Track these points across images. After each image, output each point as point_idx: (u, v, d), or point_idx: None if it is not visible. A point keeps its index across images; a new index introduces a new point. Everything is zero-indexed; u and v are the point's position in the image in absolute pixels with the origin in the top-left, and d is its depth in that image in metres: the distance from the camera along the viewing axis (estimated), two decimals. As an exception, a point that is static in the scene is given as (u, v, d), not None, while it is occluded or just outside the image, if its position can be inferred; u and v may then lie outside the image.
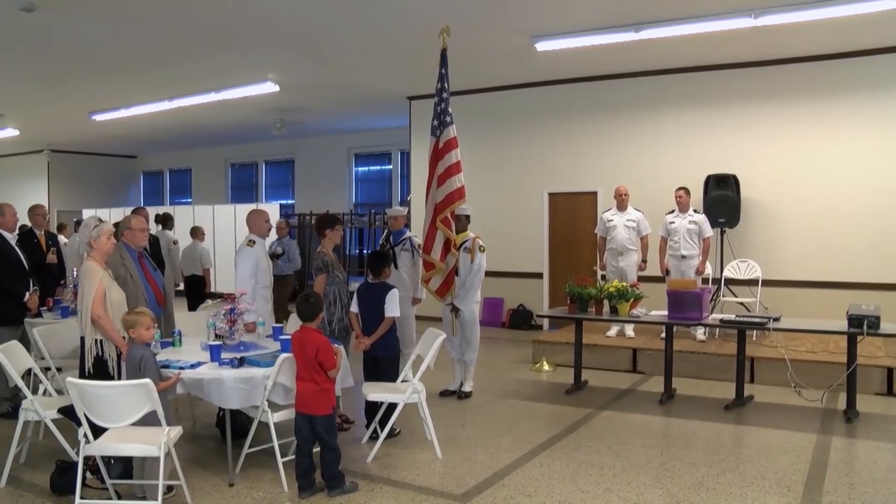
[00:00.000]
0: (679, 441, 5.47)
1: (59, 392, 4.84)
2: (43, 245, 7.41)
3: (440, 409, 6.08)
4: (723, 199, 8.88)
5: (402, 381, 5.34)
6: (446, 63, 6.78)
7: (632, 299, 6.68)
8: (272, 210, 13.58)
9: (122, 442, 3.90)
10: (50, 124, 14.63)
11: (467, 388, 6.87)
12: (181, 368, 4.43)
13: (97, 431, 3.92)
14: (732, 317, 6.53)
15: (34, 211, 7.61)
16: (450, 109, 6.74)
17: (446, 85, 6.76)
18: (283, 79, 10.30)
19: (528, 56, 8.86)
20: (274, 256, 9.64)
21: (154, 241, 8.27)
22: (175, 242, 10.28)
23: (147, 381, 3.86)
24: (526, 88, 10.80)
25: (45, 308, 6.74)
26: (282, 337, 4.92)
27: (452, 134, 6.72)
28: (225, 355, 4.64)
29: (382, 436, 5.07)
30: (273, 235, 10.03)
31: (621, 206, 8.49)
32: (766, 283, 8.68)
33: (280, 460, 4.45)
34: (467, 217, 6.87)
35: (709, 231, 8.25)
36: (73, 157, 18.62)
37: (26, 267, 6.25)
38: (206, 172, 18.74)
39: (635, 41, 7.98)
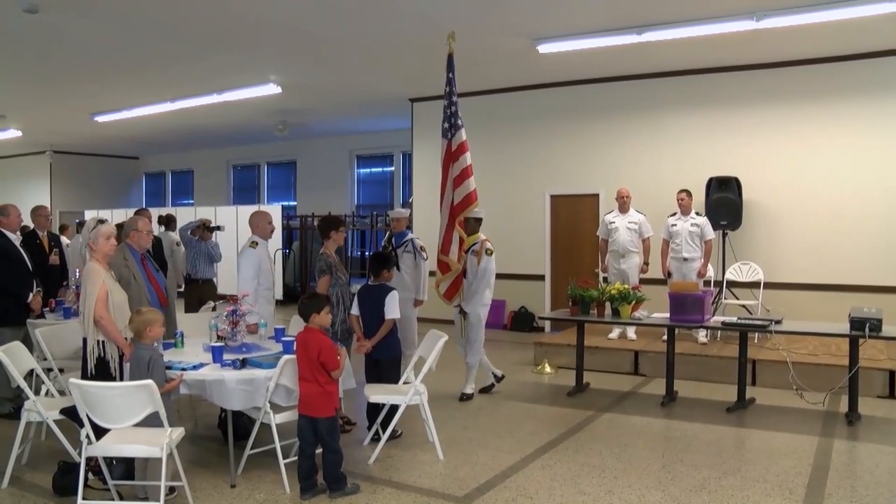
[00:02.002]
0: (681, 443, 5.47)
1: (62, 393, 4.86)
2: (45, 246, 7.42)
3: (442, 411, 6.07)
4: (725, 201, 8.87)
5: (403, 383, 5.34)
6: (453, 68, 6.85)
7: (633, 302, 6.68)
8: (274, 212, 13.59)
9: (124, 443, 3.90)
10: (52, 125, 14.65)
11: (468, 390, 6.87)
12: (183, 370, 4.44)
13: (99, 432, 3.93)
14: (734, 319, 6.52)
15: (37, 212, 7.62)
16: (459, 113, 6.83)
17: (454, 89, 6.83)
18: (285, 80, 10.31)
19: (530, 58, 8.87)
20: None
21: (156, 242, 8.27)
22: (178, 244, 10.27)
23: (149, 382, 3.87)
24: (528, 90, 10.81)
25: (48, 309, 6.74)
26: (284, 338, 4.93)
27: (464, 137, 6.81)
28: (227, 356, 4.65)
29: (384, 438, 5.08)
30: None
31: (623, 209, 8.49)
32: (768, 285, 8.67)
33: (282, 462, 4.45)
34: (477, 220, 6.91)
35: (710, 233, 8.25)
36: (75, 158, 18.65)
37: (29, 268, 6.26)
38: (208, 174, 18.76)
39: (637, 44, 7.99)
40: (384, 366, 5.41)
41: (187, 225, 9.10)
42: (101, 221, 4.75)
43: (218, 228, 9.08)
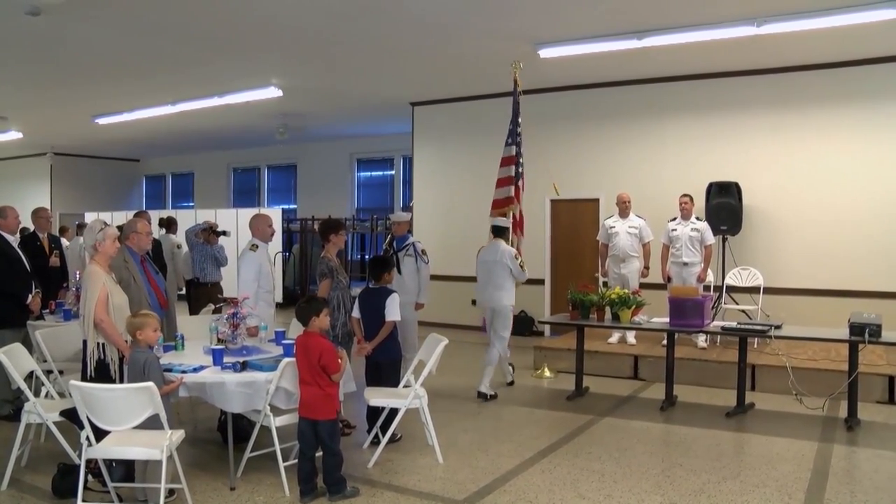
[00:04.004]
0: (680, 448, 5.47)
1: (62, 395, 4.86)
2: (46, 248, 7.42)
3: (442, 414, 6.07)
4: (725, 206, 8.88)
5: (403, 387, 5.34)
6: (517, 92, 8.11)
7: (633, 306, 6.68)
8: (275, 215, 13.58)
9: (124, 445, 3.91)
10: (53, 127, 14.67)
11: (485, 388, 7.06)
12: (184, 372, 4.44)
13: (99, 434, 3.93)
14: (734, 324, 6.54)
15: (38, 214, 7.62)
16: (518, 130, 8.08)
17: (518, 110, 8.07)
18: (286, 84, 10.33)
19: (531, 62, 8.87)
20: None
21: (156, 244, 8.26)
22: (178, 246, 10.27)
23: (150, 384, 3.87)
24: (529, 95, 10.75)
25: (48, 311, 6.74)
26: (284, 341, 4.93)
27: (512, 153, 8.05)
28: (227, 359, 4.65)
29: (384, 441, 5.08)
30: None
31: (623, 213, 8.50)
32: (768, 290, 8.67)
33: (282, 464, 4.45)
34: (495, 228, 7.33)
35: (711, 238, 8.26)
36: (75, 160, 18.65)
37: (28, 269, 6.26)
38: (208, 176, 18.77)
39: (638, 49, 8.00)
40: (384, 368, 5.41)
41: (193, 227, 9.10)
42: (105, 224, 4.78)
43: (224, 233, 9.07)
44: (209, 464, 5.02)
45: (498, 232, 7.31)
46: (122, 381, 4.45)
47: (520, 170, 8.05)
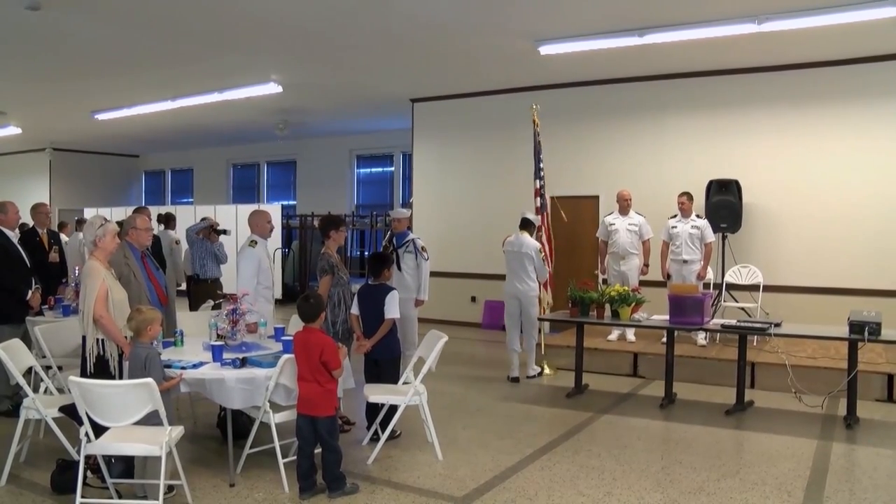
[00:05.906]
0: (680, 445, 5.47)
1: (61, 390, 4.85)
2: (45, 243, 7.41)
3: (441, 411, 6.07)
4: (725, 204, 8.87)
5: (403, 383, 5.34)
6: (536, 132, 8.53)
7: (633, 303, 6.68)
8: (274, 211, 13.56)
9: (123, 441, 3.90)
10: (52, 123, 14.63)
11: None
12: (183, 368, 4.44)
13: (98, 430, 3.93)
14: (733, 322, 6.53)
15: (37, 209, 7.61)
16: (541, 166, 8.57)
17: (541, 151, 8.55)
18: (286, 80, 10.31)
19: (531, 59, 8.87)
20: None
21: (156, 240, 8.24)
22: (177, 242, 10.26)
23: (149, 380, 3.87)
24: (529, 92, 10.79)
25: (47, 307, 6.74)
26: (284, 338, 4.93)
27: (536, 186, 8.56)
28: (227, 356, 4.65)
29: (383, 438, 5.08)
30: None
31: (623, 210, 8.49)
32: (768, 288, 8.67)
33: (281, 461, 4.45)
34: (522, 220, 7.73)
35: (711, 236, 8.25)
36: (75, 156, 18.62)
37: (28, 265, 6.25)
38: (207, 172, 18.74)
39: (639, 46, 7.99)
40: (383, 365, 5.41)
41: (194, 226, 9.11)
42: (105, 220, 4.77)
43: (224, 232, 9.08)
44: (208, 460, 5.02)
45: (523, 224, 7.67)
46: (121, 377, 4.45)
47: (544, 200, 8.49)
